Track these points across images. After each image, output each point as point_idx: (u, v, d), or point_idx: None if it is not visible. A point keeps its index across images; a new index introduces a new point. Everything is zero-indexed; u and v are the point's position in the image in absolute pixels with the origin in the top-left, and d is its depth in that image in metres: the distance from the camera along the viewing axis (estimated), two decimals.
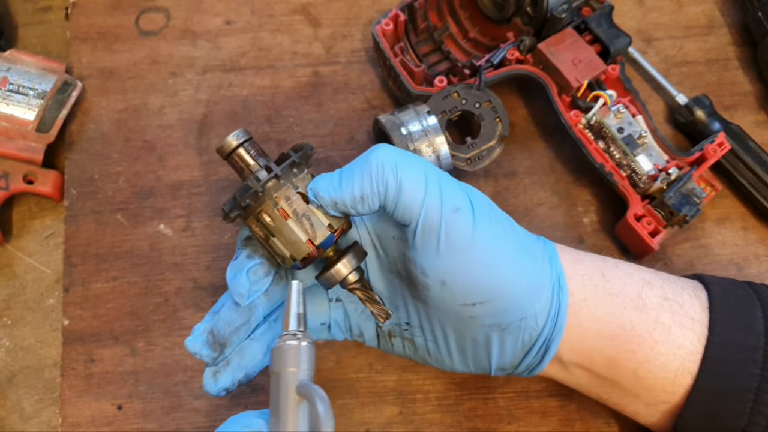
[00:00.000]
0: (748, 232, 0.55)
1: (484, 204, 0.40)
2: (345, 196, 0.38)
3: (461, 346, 0.42)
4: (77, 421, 0.49)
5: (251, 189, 0.38)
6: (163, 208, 0.55)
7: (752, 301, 0.41)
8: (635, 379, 0.41)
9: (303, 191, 0.39)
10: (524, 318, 0.40)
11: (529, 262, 0.40)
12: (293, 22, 0.62)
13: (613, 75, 0.54)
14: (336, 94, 0.59)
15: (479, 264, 0.38)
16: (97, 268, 0.53)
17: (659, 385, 0.41)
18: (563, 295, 0.40)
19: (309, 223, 0.39)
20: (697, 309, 0.41)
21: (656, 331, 0.40)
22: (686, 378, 0.40)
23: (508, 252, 0.39)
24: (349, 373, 0.50)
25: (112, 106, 0.58)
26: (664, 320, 0.41)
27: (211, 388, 0.40)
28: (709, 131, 0.55)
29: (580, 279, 0.41)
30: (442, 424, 0.49)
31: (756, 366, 0.39)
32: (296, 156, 0.40)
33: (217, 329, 0.40)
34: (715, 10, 0.62)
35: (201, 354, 0.39)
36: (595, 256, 0.44)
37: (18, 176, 0.54)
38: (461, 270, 0.38)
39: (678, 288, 0.42)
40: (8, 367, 0.51)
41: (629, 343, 0.41)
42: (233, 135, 0.39)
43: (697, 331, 0.40)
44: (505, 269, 0.39)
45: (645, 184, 0.52)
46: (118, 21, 0.61)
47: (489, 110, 0.53)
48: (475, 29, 0.59)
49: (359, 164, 0.39)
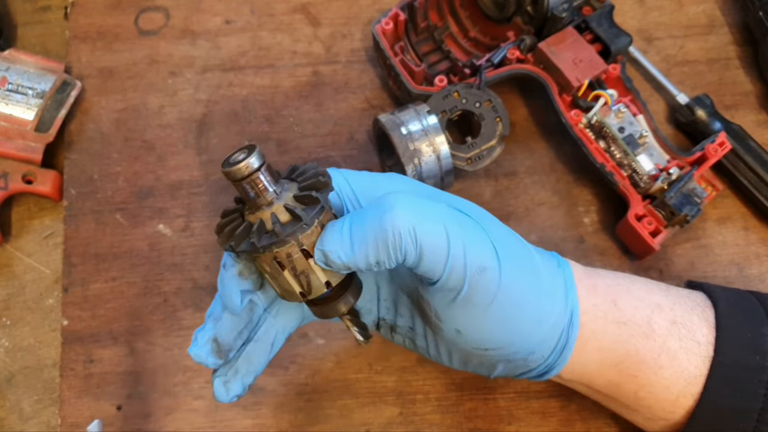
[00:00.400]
0: (749, 232, 0.55)
1: (510, 252, 0.37)
2: (359, 262, 0.34)
3: (464, 362, 0.43)
4: (76, 421, 0.49)
5: (273, 232, 0.33)
6: (162, 208, 0.55)
7: (760, 318, 0.41)
8: (635, 399, 0.42)
9: (308, 248, 0.34)
10: (532, 353, 0.39)
11: (548, 310, 0.38)
12: (293, 21, 0.61)
13: (614, 74, 0.54)
14: (336, 94, 0.59)
15: (498, 321, 0.37)
16: (97, 268, 0.53)
17: (660, 406, 0.41)
18: (573, 331, 0.40)
19: (306, 281, 0.35)
20: (704, 331, 0.40)
21: (661, 357, 0.40)
22: (688, 400, 0.40)
23: (529, 306, 0.37)
24: (349, 374, 0.50)
25: (112, 106, 0.58)
26: (671, 346, 0.40)
27: (223, 398, 0.39)
28: (710, 131, 0.55)
29: (592, 311, 0.40)
30: (443, 424, 0.49)
31: (761, 386, 0.39)
32: (323, 201, 0.34)
33: (221, 337, 0.39)
34: (715, 10, 0.62)
35: (207, 363, 0.38)
36: (609, 277, 0.43)
37: (17, 176, 0.54)
38: (479, 325, 0.37)
39: (687, 309, 0.41)
40: (7, 367, 0.51)
41: (632, 369, 0.41)
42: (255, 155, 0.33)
43: (703, 354, 0.40)
44: (524, 324, 0.38)
45: (646, 184, 0.51)
46: (117, 20, 0.61)
47: (489, 110, 0.52)
48: (476, 28, 0.58)
49: (372, 228, 0.34)
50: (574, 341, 0.40)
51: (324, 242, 0.34)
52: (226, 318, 0.39)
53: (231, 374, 0.39)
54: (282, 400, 0.50)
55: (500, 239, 0.37)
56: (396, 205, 0.34)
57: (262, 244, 0.33)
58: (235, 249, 0.34)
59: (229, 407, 0.49)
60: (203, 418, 0.49)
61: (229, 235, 0.35)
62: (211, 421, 0.49)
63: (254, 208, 0.34)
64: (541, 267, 0.39)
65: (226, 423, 0.49)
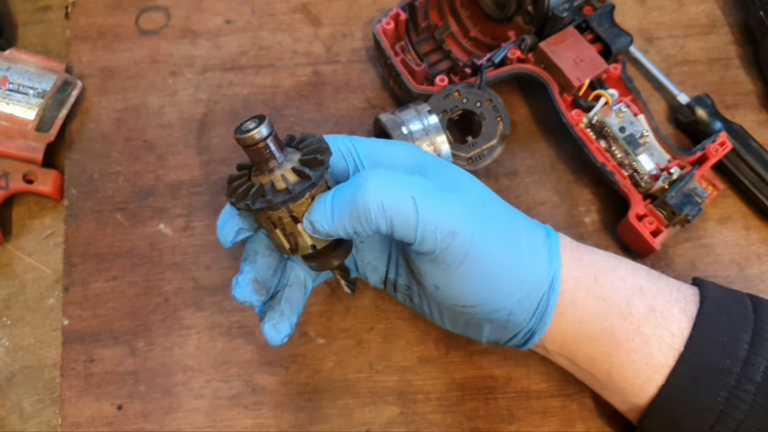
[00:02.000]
0: (750, 231, 0.55)
1: (488, 217, 0.40)
2: (339, 231, 0.38)
3: (453, 322, 0.46)
4: (77, 421, 0.49)
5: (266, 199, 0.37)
6: (162, 208, 0.55)
7: (744, 324, 0.41)
8: (609, 377, 0.43)
9: (297, 215, 0.39)
10: (512, 314, 0.41)
11: (526, 272, 0.40)
12: (293, 21, 0.61)
13: (615, 74, 0.54)
14: (336, 94, 0.59)
15: (472, 280, 0.39)
16: (97, 267, 0.53)
17: (629, 389, 0.43)
18: (553, 296, 0.41)
19: (294, 241, 0.40)
20: (683, 325, 0.41)
21: (634, 341, 0.41)
22: (652, 388, 0.41)
23: (505, 267, 0.40)
24: (350, 373, 0.50)
25: (112, 106, 0.58)
26: (645, 331, 0.41)
27: (275, 340, 0.42)
28: (711, 131, 0.55)
29: (574, 282, 0.42)
30: (443, 424, 0.49)
31: (724, 389, 0.39)
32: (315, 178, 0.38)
33: (260, 276, 0.42)
34: (716, 10, 0.62)
35: (251, 301, 0.41)
36: (596, 253, 0.44)
37: (18, 176, 0.54)
38: (455, 283, 0.39)
39: (671, 300, 0.42)
40: (8, 367, 0.51)
41: (606, 346, 0.42)
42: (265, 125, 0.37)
43: (675, 347, 0.41)
44: (499, 283, 0.40)
45: (647, 184, 0.51)
46: (118, 20, 0.61)
47: (490, 109, 0.52)
48: (476, 28, 0.58)
49: (347, 203, 0.37)
50: (554, 307, 0.41)
51: (311, 212, 0.39)
52: (260, 259, 0.43)
53: (278, 317, 0.42)
54: (282, 399, 0.50)
55: (479, 206, 0.40)
56: (367, 182, 0.37)
57: (256, 207, 0.37)
58: (235, 205, 0.39)
59: (229, 407, 0.49)
60: (204, 418, 0.49)
61: (233, 192, 0.39)
62: (212, 421, 0.49)
63: (259, 171, 0.39)
64: (523, 233, 0.41)
65: (226, 423, 0.49)
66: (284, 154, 0.39)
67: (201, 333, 0.51)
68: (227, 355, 0.51)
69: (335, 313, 0.52)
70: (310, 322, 0.51)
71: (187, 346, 0.51)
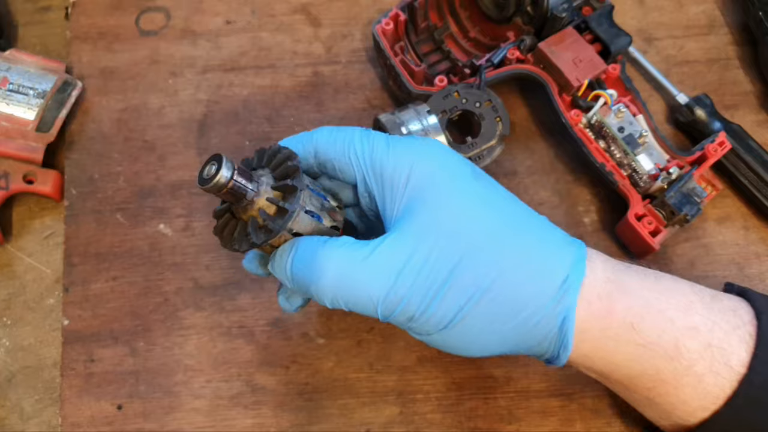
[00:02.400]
0: (749, 231, 0.55)
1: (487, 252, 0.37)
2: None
3: None
4: (77, 421, 0.49)
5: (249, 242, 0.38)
6: (163, 208, 0.55)
7: None
8: (647, 400, 0.41)
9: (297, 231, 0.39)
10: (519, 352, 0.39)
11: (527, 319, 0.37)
12: (293, 21, 0.62)
13: (614, 74, 0.54)
14: (336, 94, 0.59)
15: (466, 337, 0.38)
16: (97, 267, 0.53)
17: (675, 414, 0.40)
18: (565, 348, 0.38)
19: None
20: (742, 355, 0.37)
21: (685, 379, 0.38)
22: (704, 414, 0.39)
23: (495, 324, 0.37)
24: (349, 373, 0.50)
25: (112, 106, 0.58)
26: (698, 370, 0.37)
27: (288, 309, 0.44)
28: (710, 131, 0.55)
29: (600, 332, 0.38)
30: (443, 424, 0.49)
31: None
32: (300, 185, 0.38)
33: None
34: (715, 10, 0.62)
35: (257, 273, 0.43)
36: (637, 295, 0.38)
37: (18, 176, 0.54)
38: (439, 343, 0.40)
39: (728, 330, 0.38)
40: (8, 367, 0.51)
41: (648, 383, 0.39)
42: (225, 165, 0.35)
43: (733, 379, 0.37)
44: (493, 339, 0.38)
45: (646, 184, 0.51)
46: (118, 21, 0.61)
47: (489, 110, 0.53)
48: (476, 29, 0.59)
49: (304, 287, 0.38)
50: (567, 356, 0.38)
51: (272, 265, 0.40)
52: None
53: (290, 291, 0.43)
54: (282, 399, 0.50)
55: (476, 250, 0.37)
56: (321, 280, 0.37)
57: (260, 241, 0.38)
58: (227, 248, 0.39)
59: (229, 407, 0.49)
60: (204, 418, 0.49)
61: (229, 238, 0.39)
62: (212, 421, 0.49)
63: (241, 208, 0.38)
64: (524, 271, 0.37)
65: (226, 422, 0.49)
66: (256, 182, 0.37)
67: (201, 333, 0.51)
68: (227, 355, 0.51)
69: (335, 313, 0.52)
70: (310, 322, 0.52)
71: (187, 346, 0.51)
